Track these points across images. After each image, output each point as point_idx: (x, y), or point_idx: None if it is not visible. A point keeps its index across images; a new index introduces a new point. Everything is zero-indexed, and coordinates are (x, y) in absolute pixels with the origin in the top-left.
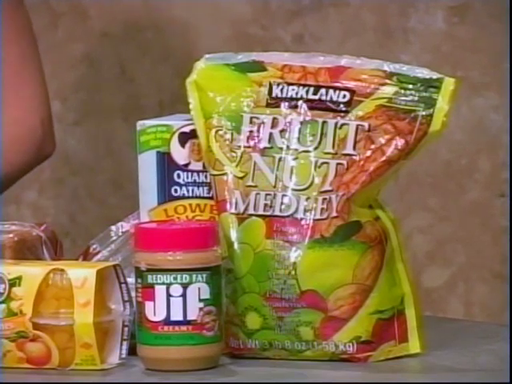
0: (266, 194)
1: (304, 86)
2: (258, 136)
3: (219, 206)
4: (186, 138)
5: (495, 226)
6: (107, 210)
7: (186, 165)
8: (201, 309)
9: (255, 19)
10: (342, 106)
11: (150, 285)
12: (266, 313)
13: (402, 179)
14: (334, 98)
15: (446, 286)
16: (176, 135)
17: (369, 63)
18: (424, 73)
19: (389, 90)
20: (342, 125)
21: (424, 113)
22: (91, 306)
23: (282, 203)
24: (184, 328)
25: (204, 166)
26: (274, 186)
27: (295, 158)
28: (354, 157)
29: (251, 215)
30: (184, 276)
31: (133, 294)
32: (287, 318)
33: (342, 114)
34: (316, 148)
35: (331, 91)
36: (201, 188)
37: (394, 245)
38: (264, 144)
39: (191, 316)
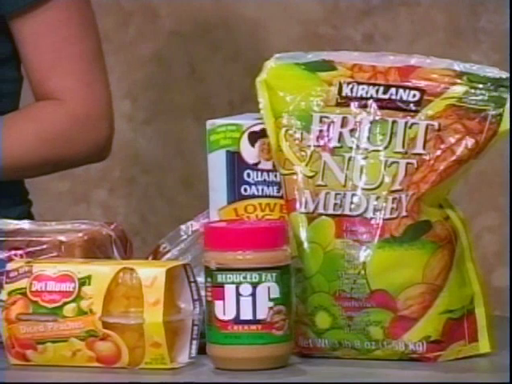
0: (336, 194)
1: (374, 85)
2: (327, 135)
3: (289, 205)
4: (255, 137)
5: None
6: (177, 209)
7: (256, 164)
8: (270, 308)
9: (325, 18)
10: (411, 105)
11: (220, 284)
12: (336, 312)
13: (472, 179)
14: (404, 98)
15: None
16: (246, 134)
17: (439, 62)
18: (494, 72)
19: (459, 90)
20: (412, 124)
21: (494, 112)
22: (161, 305)
23: (351, 202)
24: (254, 327)
25: (274, 165)
26: (344, 186)
27: (365, 158)
28: (424, 156)
29: (321, 214)
30: (254, 275)
31: (202, 293)
32: (357, 317)
33: (412, 114)
34: (386, 147)
35: (401, 91)
36: (271, 187)
37: (463, 244)
38: (334, 143)
39: (261, 315)
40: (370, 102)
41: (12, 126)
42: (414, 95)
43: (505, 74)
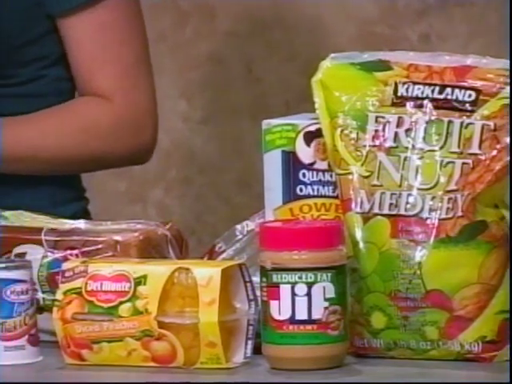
0: (392, 194)
1: (430, 85)
2: (383, 135)
3: (344, 205)
4: (311, 136)
5: None
6: (233, 209)
7: (312, 164)
8: (326, 308)
9: (382, 18)
10: (467, 105)
11: (275, 284)
12: (391, 312)
13: None
14: (460, 98)
15: None
16: (301, 134)
17: (494, 62)
18: None
19: None
20: (468, 124)
21: None
22: (216, 305)
23: (407, 202)
24: (309, 327)
25: (329, 165)
26: (400, 186)
27: (420, 158)
28: (479, 156)
29: (376, 214)
30: (309, 275)
31: (258, 292)
32: (412, 317)
33: (468, 114)
34: (442, 147)
35: (457, 90)
36: (326, 187)
37: None
38: (389, 143)
39: (316, 315)
40: (426, 101)
41: (53, 116)
42: (470, 95)
43: None
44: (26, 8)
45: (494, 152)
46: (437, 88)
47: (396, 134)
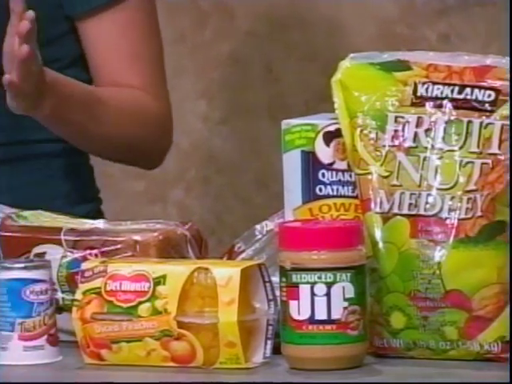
0: (411, 194)
1: (449, 85)
2: (402, 135)
3: (364, 205)
4: (330, 136)
5: None
6: (252, 209)
7: (331, 164)
8: (345, 308)
9: (401, 18)
10: (487, 105)
11: (295, 284)
12: (411, 312)
13: None
14: (480, 98)
15: None
16: (321, 134)
17: None
18: None
19: None
20: (487, 124)
21: None
22: (236, 305)
23: (426, 202)
24: (328, 327)
25: (349, 165)
26: (419, 186)
27: (440, 158)
28: (499, 156)
29: (396, 214)
30: (328, 275)
31: (277, 292)
32: (432, 317)
33: (487, 114)
34: (461, 147)
35: (476, 91)
36: (345, 187)
37: None
38: (409, 143)
39: (336, 315)
40: (445, 101)
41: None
42: (490, 95)
43: None
44: (46, 9)
45: None
46: (456, 88)
47: (415, 134)
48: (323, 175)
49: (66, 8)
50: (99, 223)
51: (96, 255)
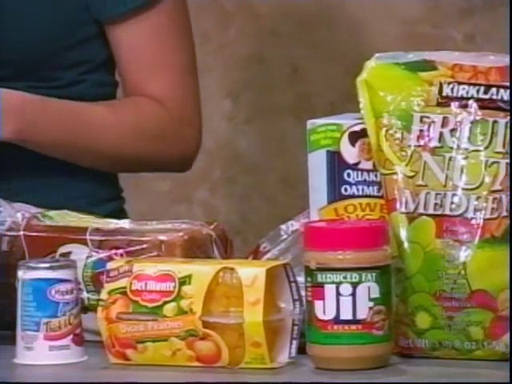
0: (436, 194)
1: (475, 85)
2: (428, 135)
3: (389, 205)
4: (356, 136)
5: None
6: (278, 209)
7: (356, 164)
8: (370, 308)
9: (426, 18)
10: None
11: (320, 284)
12: (436, 312)
13: None
14: (505, 98)
15: None
16: (346, 134)
17: None
18: None
19: None
20: None
21: None
22: (261, 305)
23: (452, 202)
24: (354, 327)
25: (374, 165)
26: (445, 186)
27: (465, 158)
28: None
29: (421, 214)
30: (354, 275)
31: (302, 292)
32: (457, 317)
33: None
34: (486, 147)
35: (502, 91)
36: (371, 187)
37: None
38: (434, 143)
39: (361, 315)
40: (471, 102)
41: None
42: None
43: None
44: (73, 11)
45: None
46: (482, 88)
47: (441, 134)
48: (348, 175)
49: (95, 11)
50: (125, 223)
51: (121, 255)
